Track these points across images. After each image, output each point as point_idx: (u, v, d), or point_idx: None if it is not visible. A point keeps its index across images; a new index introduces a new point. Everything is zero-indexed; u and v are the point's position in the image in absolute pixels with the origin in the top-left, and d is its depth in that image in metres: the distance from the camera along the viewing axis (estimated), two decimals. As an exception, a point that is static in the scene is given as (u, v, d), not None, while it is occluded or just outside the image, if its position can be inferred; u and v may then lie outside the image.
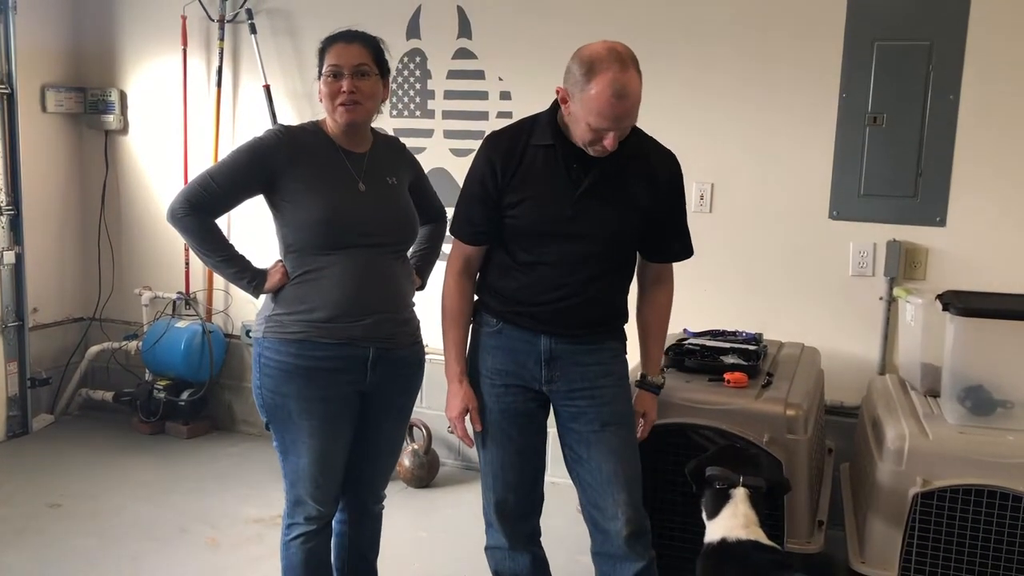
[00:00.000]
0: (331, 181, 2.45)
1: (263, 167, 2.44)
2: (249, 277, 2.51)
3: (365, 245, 2.45)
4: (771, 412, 2.75)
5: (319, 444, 2.47)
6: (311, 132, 2.51)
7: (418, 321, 2.64)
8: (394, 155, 2.62)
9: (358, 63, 2.42)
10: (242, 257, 2.54)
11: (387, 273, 2.51)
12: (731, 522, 2.32)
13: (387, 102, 2.71)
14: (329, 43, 2.46)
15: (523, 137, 2.39)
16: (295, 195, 2.43)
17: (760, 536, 2.29)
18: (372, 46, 2.47)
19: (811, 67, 3.63)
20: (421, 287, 2.72)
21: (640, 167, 2.39)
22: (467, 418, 2.49)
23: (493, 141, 2.43)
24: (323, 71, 2.44)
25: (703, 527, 2.42)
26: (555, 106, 2.39)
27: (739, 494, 2.35)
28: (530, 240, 2.39)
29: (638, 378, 2.60)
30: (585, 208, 2.35)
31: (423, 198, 2.70)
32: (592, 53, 2.21)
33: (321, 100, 2.47)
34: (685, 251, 2.54)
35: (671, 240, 2.51)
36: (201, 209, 2.45)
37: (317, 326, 2.43)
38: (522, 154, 2.37)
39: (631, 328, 2.57)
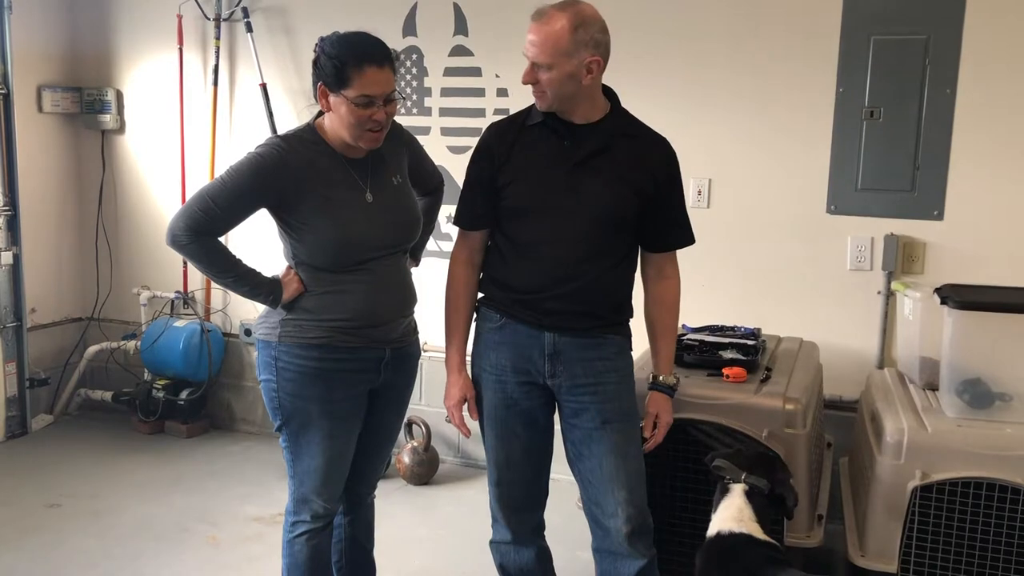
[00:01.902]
0: (340, 199, 2.39)
1: (268, 188, 2.35)
2: (266, 292, 2.43)
3: (378, 257, 2.44)
4: (770, 406, 2.75)
5: (335, 444, 2.47)
6: (311, 142, 2.41)
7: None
8: (392, 146, 2.52)
9: (391, 91, 2.33)
10: (253, 272, 2.46)
11: (400, 276, 2.53)
12: (726, 514, 2.33)
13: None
14: (358, 64, 2.27)
15: (518, 121, 2.50)
16: (306, 215, 2.37)
17: (755, 531, 2.29)
18: (395, 65, 2.35)
19: (807, 61, 3.63)
20: (414, 265, 2.68)
21: (630, 146, 2.44)
22: (465, 408, 2.52)
23: (490, 128, 2.54)
24: (348, 95, 2.28)
25: (704, 523, 2.42)
26: None
27: (737, 488, 2.36)
28: (527, 217, 2.43)
29: (649, 379, 2.60)
30: (579, 181, 2.39)
31: (421, 169, 2.63)
32: None
33: (327, 109, 2.36)
34: (684, 239, 2.55)
35: (669, 228, 2.52)
36: (204, 233, 2.37)
37: (340, 331, 2.42)
38: (516, 135, 2.46)
39: (640, 328, 2.57)
